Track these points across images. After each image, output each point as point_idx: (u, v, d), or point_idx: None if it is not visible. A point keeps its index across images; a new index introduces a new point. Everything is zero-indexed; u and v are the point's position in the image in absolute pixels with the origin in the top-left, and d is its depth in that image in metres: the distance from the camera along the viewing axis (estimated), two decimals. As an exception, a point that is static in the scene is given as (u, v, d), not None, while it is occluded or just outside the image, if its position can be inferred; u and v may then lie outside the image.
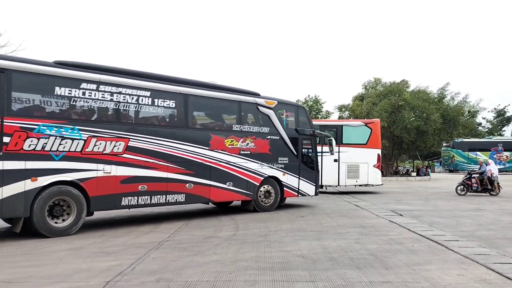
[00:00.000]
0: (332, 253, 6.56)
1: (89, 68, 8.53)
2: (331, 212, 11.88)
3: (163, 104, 9.49)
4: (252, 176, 11.28)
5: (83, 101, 8.30)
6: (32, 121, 7.57)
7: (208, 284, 4.95)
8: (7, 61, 7.48)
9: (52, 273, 5.42)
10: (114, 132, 8.62)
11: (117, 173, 8.64)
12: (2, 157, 7.19)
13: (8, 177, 7.25)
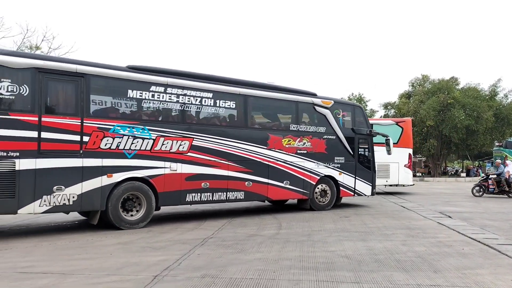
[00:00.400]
0: (378, 255, 6.43)
1: (158, 72, 9.09)
2: (376, 213, 11.65)
3: (224, 105, 9.92)
4: (309, 175, 11.40)
5: (152, 103, 8.91)
6: (108, 122, 8.22)
7: (252, 282, 4.99)
8: (87, 67, 8.08)
9: (103, 266, 5.66)
10: (179, 132, 9.13)
11: (182, 171, 9.15)
12: (82, 155, 7.87)
13: (87, 173, 7.92)
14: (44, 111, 7.54)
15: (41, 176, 7.43)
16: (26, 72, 7.40)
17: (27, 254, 6.36)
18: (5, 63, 7.23)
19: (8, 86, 7.20)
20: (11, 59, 7.34)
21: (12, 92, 7.23)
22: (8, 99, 7.23)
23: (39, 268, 5.54)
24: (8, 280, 4.99)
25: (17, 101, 7.32)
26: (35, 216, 10.22)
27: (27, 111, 7.39)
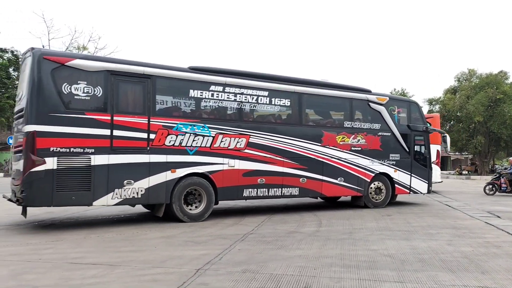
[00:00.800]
0: (422, 254, 6.28)
1: (216, 72, 9.50)
2: (420, 211, 11.35)
3: (279, 103, 10.19)
4: (363, 172, 11.42)
5: (211, 102, 9.35)
6: (171, 120, 8.75)
7: (292, 278, 5.00)
8: (153, 68, 8.61)
9: (148, 259, 5.84)
10: (237, 129, 9.50)
11: (239, 167, 9.51)
12: (149, 151, 8.42)
13: (153, 169, 8.46)
14: (115, 111, 8.12)
15: (113, 171, 8.03)
16: (99, 74, 8.00)
17: (77, 246, 6.67)
18: (81, 66, 7.86)
19: (84, 88, 7.82)
20: (87, 62, 7.95)
21: (87, 93, 7.85)
22: (84, 100, 7.85)
23: (89, 259, 5.80)
24: (60, 270, 5.26)
25: (92, 101, 7.92)
26: (84, 209, 10.70)
27: (100, 110, 8.00)
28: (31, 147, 7.40)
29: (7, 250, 6.28)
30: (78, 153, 7.70)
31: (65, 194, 7.66)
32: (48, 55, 7.74)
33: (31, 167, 7.37)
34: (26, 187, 7.41)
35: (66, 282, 4.75)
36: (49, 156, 7.47)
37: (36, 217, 9.55)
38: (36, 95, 7.50)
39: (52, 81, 7.59)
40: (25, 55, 8.44)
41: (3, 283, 4.70)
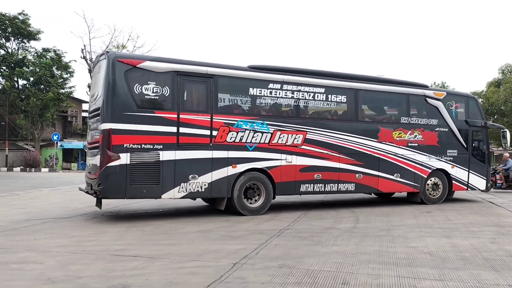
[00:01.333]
0: (464, 252, 6.09)
1: (274, 70, 9.77)
2: (461, 208, 11.00)
3: (335, 99, 10.32)
4: (420, 168, 11.33)
5: (270, 99, 9.64)
6: (232, 118, 9.09)
7: (329, 274, 4.98)
8: (215, 68, 9.00)
9: (186, 252, 5.97)
10: (294, 126, 9.71)
11: (296, 163, 9.70)
12: (212, 148, 8.80)
13: (216, 164, 8.84)
14: (181, 109, 8.57)
15: (180, 166, 8.49)
16: (167, 75, 8.46)
17: (118, 238, 6.90)
18: (151, 68, 8.37)
19: (153, 88, 8.32)
20: (156, 64, 8.44)
21: (156, 93, 8.36)
22: (153, 99, 8.37)
23: (130, 251, 5.98)
24: (103, 261, 5.46)
25: (160, 100, 8.44)
26: (124, 203, 11.03)
27: (168, 109, 8.48)
28: (107, 144, 7.97)
29: (54, 242, 6.58)
30: (148, 149, 8.23)
31: (137, 187, 8.22)
32: (122, 58, 8.30)
33: (107, 162, 7.95)
34: (102, 181, 8.01)
35: (109, 273, 4.93)
36: (123, 152, 8.02)
37: (79, 211, 9.93)
38: (111, 95, 8.06)
39: (125, 82, 8.12)
40: (99, 58, 8.99)
41: (51, 273, 4.93)
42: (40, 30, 34.51)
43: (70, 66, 35.56)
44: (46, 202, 11.60)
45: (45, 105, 32.48)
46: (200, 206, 10.93)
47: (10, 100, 32.97)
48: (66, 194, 13.75)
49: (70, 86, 36.79)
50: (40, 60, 33.77)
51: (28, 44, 35.02)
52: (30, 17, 33.62)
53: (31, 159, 31.53)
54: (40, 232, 7.32)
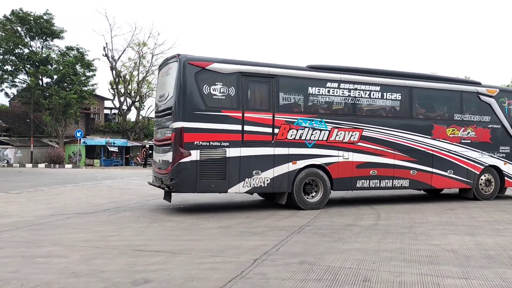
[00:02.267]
0: (488, 250, 5.97)
1: (332, 69, 10.03)
2: (485, 205, 10.77)
3: (390, 97, 10.54)
4: (472, 165, 11.42)
5: (328, 98, 9.96)
6: (293, 116, 9.43)
7: (350, 271, 4.95)
8: (276, 69, 9.35)
9: (207, 248, 6.02)
10: (351, 123, 9.99)
11: (353, 159, 9.99)
12: (274, 145, 9.19)
13: (277, 160, 9.22)
14: (246, 108, 8.99)
15: (244, 162, 8.92)
16: (232, 76, 8.90)
17: (140, 234, 7.00)
18: (218, 69, 8.81)
19: (220, 88, 8.77)
20: (223, 66, 8.87)
21: (223, 93, 8.80)
22: (220, 99, 8.80)
23: (151, 246, 6.06)
24: (126, 256, 5.55)
25: (226, 100, 8.85)
26: (145, 199, 11.17)
27: (234, 108, 8.90)
28: (179, 141, 8.48)
29: (78, 237, 6.72)
30: (216, 146, 8.70)
31: (206, 182, 8.71)
32: (192, 60, 8.68)
33: (180, 158, 8.47)
34: (175, 176, 8.53)
35: (131, 268, 5.00)
36: (194, 149, 8.51)
37: (102, 206, 10.10)
38: (182, 95, 8.55)
39: (195, 83, 8.60)
40: (168, 60, 9.42)
41: (75, 266, 5.03)
42: (63, 29, 35.19)
43: (93, 64, 36.15)
44: (70, 198, 11.84)
45: (68, 102, 33.10)
46: (221, 202, 10.99)
47: (35, 97, 33.72)
48: (89, 190, 14.01)
49: (93, 84, 37.43)
50: (64, 59, 34.42)
51: (52, 43, 35.76)
52: (54, 16, 34.31)
53: (55, 156, 32.21)
54: (64, 227, 7.48)
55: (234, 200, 11.31)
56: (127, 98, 41.22)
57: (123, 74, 40.63)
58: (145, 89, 42.24)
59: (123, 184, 16.05)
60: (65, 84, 34.29)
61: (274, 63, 9.46)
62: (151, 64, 40.80)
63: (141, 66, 41.05)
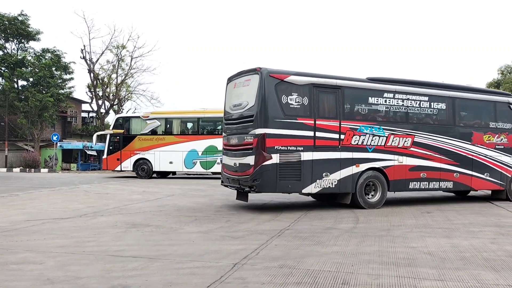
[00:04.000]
0: (464, 252, 6.09)
1: (387, 81, 11.05)
2: (461, 208, 11.01)
3: (436, 107, 11.51)
4: (506, 168, 12.40)
5: (385, 107, 10.89)
6: (356, 123, 10.35)
7: (330, 275, 4.98)
8: (341, 80, 10.32)
9: (186, 252, 5.96)
10: (404, 130, 10.96)
11: (406, 163, 10.94)
12: (340, 149, 10.09)
13: (343, 164, 10.11)
14: (317, 116, 9.87)
15: (316, 165, 9.78)
16: (306, 87, 9.81)
17: (118, 239, 6.89)
18: (294, 81, 9.72)
19: (296, 98, 9.65)
20: (298, 78, 9.78)
21: (298, 102, 9.68)
22: (296, 108, 9.67)
23: (129, 252, 5.98)
24: (103, 262, 5.45)
25: (301, 109, 9.73)
26: (124, 204, 11.01)
27: (307, 116, 9.78)
28: (262, 146, 9.32)
29: (53, 243, 6.57)
30: (293, 150, 9.56)
31: (284, 183, 9.53)
32: (273, 73, 9.56)
33: (263, 161, 9.30)
34: (258, 177, 9.34)
35: (108, 274, 4.92)
36: (274, 153, 9.36)
37: (79, 211, 9.92)
38: (264, 105, 9.40)
39: (275, 94, 9.50)
40: (246, 73, 10.18)
41: (51, 273, 4.92)
42: (39, 30, 34.54)
43: (70, 66, 35.56)
44: (46, 203, 11.59)
45: (44, 106, 32.46)
46: (201, 206, 10.93)
47: (10, 100, 32.94)
48: (65, 194, 13.74)
49: (70, 87, 36.82)
50: (40, 61, 33.76)
51: (28, 45, 35.04)
52: (29, 17, 33.64)
53: (31, 160, 31.51)
54: (39, 233, 7.32)
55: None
56: (105, 101, 40.66)
57: (101, 77, 40.10)
58: (124, 92, 41.76)
59: (101, 189, 15.80)
60: (41, 87, 33.62)
61: (340, 76, 10.47)
62: (130, 67, 40.41)
63: (120, 69, 40.61)
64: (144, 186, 16.93)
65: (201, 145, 21.22)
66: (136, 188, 16.02)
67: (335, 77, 10.29)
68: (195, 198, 12.83)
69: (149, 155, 21.79)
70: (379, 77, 10.97)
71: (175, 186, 17.24)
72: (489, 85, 37.91)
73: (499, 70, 38.04)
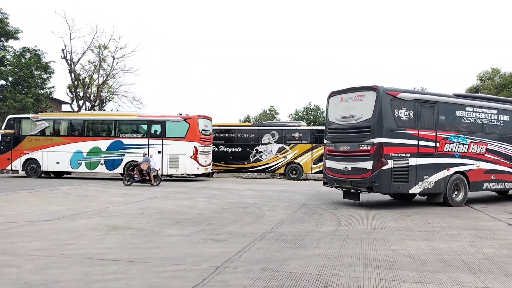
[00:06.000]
0: (443, 255, 6.19)
1: (468, 97, 13.55)
2: (441, 212, 11.18)
3: (502, 119, 13.50)
4: None
5: (467, 119, 12.71)
6: (447, 133, 12.08)
7: (312, 277, 5.00)
8: (436, 96, 12.17)
9: (168, 256, 5.91)
10: (480, 139, 12.79)
11: (481, 167, 12.75)
12: (436, 156, 11.76)
13: (438, 168, 11.80)
14: (419, 127, 11.54)
15: (419, 169, 11.41)
16: (411, 102, 11.52)
17: (98, 242, 6.79)
18: (403, 97, 11.37)
19: (404, 112, 11.35)
20: (406, 95, 11.51)
21: (406, 115, 11.39)
22: (404, 120, 11.35)
23: (109, 255, 5.89)
24: (82, 265, 5.36)
25: (408, 121, 11.41)
26: (104, 206, 10.86)
27: (412, 127, 11.44)
28: (381, 153, 10.95)
29: (31, 245, 6.44)
30: (402, 157, 11.20)
31: (397, 184, 11.15)
32: (388, 91, 11.21)
33: (381, 166, 10.93)
34: (377, 180, 10.99)
35: (87, 277, 4.84)
36: (389, 159, 11.00)
37: (58, 214, 9.74)
38: (382, 118, 11.03)
39: (390, 108, 11.15)
40: (361, 89, 11.65)
41: (28, 276, 4.82)
42: (19, 29, 33.79)
43: (50, 66, 34.92)
44: (24, 205, 11.34)
45: (24, 106, 31.79)
46: (183, 209, 10.84)
47: (-12, 100, 32.16)
48: (44, 196, 13.46)
49: (50, 87, 36.12)
50: (20, 61, 33.08)
51: (7, 44, 34.28)
52: (8, 15, 32.89)
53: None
54: (17, 235, 7.16)
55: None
56: (86, 102, 40.03)
57: (82, 77, 39.49)
58: (105, 93, 41.22)
59: (81, 191, 15.54)
60: (21, 86, 32.93)
61: (435, 92, 12.49)
62: (112, 67, 39.90)
63: (102, 69, 40.07)
64: (125, 189, 16.73)
65: (86, 147, 21.91)
66: (117, 191, 15.81)
67: (431, 94, 12.42)
68: (177, 200, 12.73)
69: (38, 155, 22.36)
70: (462, 93, 13.49)
71: (156, 188, 17.08)
72: (468, 91, 38.67)
73: (478, 76, 38.88)
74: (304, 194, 15.33)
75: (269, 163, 24.98)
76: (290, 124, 26.52)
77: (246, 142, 25.36)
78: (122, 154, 21.53)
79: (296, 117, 50.02)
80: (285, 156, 24.84)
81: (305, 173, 25.03)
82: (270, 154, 25.00)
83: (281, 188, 17.75)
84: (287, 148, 24.87)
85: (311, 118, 49.64)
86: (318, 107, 51.81)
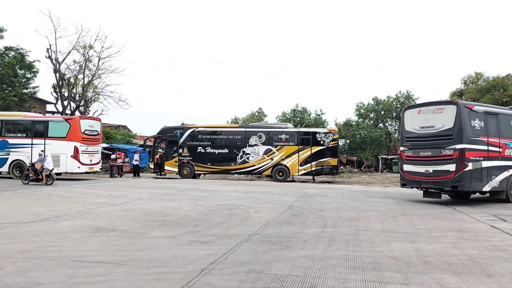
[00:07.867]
0: (427, 257, 6.25)
1: None
2: (425, 214, 11.30)
3: None
4: None
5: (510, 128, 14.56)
6: (506, 140, 14.17)
7: (297, 279, 5.00)
8: (497, 109, 14.72)
9: (153, 258, 5.85)
10: None
11: None
12: (500, 159, 13.80)
13: (502, 169, 13.78)
14: (488, 135, 13.55)
15: (489, 170, 13.40)
16: (482, 114, 13.61)
17: (82, 244, 6.69)
18: (477, 110, 13.47)
19: (478, 122, 13.39)
20: (478, 107, 13.67)
21: (479, 125, 13.42)
22: (478, 129, 13.34)
23: (93, 257, 5.81)
24: (65, 267, 5.28)
25: (480, 130, 13.42)
26: (89, 208, 10.73)
27: (483, 135, 13.45)
28: (463, 157, 12.87)
29: (13, 248, 6.32)
30: (478, 160, 13.13)
31: (474, 183, 13.05)
32: (466, 105, 13.42)
33: (464, 168, 12.85)
34: (460, 180, 12.88)
35: (70, 279, 4.77)
36: (469, 162, 12.91)
37: (41, 215, 9.59)
38: (462, 127, 13.00)
39: (468, 119, 13.14)
40: (441, 103, 14.17)
41: (10, 279, 4.72)
42: (3, 28, 33.29)
43: (34, 65, 34.43)
44: (6, 206, 11.14)
45: (7, 105, 31.27)
46: (169, 211, 10.76)
47: (-30, 99, 31.56)
48: (27, 198, 13.24)
49: (34, 86, 35.62)
50: (3, 59, 32.54)
51: (-10, 42, 33.71)
52: (-8, 14, 32.36)
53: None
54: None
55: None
56: (71, 102, 39.57)
57: (67, 77, 39.01)
58: (91, 93, 40.76)
59: (65, 192, 15.33)
60: (4, 85, 32.39)
61: (497, 106, 15.29)
62: (98, 67, 39.49)
63: (87, 69, 39.62)
64: (110, 190, 16.55)
65: None
66: (101, 192, 15.63)
67: (494, 107, 15.24)
68: (163, 202, 12.64)
69: None
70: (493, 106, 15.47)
71: (142, 190, 16.94)
72: (453, 94, 39.26)
73: (462, 80, 39.48)
74: (290, 195, 15.37)
75: (256, 164, 25.02)
76: (277, 126, 26.60)
77: (233, 144, 25.37)
78: (7, 154, 22.16)
79: (283, 119, 50.08)
80: (272, 157, 24.91)
81: (291, 174, 25.11)
82: (257, 155, 25.05)
83: (268, 190, 17.77)
84: (274, 150, 24.94)
85: (298, 120, 49.74)
86: (305, 109, 51.90)
